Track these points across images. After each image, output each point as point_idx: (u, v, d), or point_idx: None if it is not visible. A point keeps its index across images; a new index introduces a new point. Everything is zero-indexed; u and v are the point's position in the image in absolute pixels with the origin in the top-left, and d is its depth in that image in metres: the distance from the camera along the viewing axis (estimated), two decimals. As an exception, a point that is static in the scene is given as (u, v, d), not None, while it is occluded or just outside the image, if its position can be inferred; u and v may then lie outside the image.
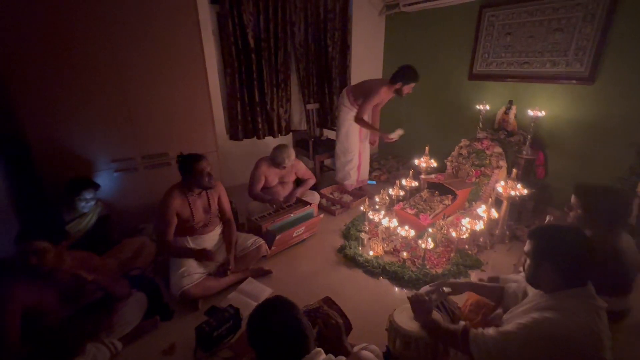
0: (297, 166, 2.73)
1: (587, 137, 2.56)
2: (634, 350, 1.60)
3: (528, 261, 1.13)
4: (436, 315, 1.43)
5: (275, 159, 2.55)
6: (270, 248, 2.24)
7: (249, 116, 3.30)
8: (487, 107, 2.98)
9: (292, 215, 2.42)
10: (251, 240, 2.16)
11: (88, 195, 2.12)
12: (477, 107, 3.02)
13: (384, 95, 2.86)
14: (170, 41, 2.31)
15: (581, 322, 0.97)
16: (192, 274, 1.87)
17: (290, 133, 3.72)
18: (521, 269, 1.22)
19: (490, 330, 1.09)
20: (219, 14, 2.93)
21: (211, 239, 2.11)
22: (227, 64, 3.05)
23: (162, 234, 1.92)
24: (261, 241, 2.17)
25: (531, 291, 1.21)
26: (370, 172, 3.53)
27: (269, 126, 3.43)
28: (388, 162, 4.05)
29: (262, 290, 2.01)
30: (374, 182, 3.69)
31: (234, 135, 3.30)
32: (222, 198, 2.14)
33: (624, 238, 1.41)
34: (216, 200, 2.10)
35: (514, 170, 2.35)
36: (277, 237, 2.21)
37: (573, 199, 1.54)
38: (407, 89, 2.79)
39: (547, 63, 2.66)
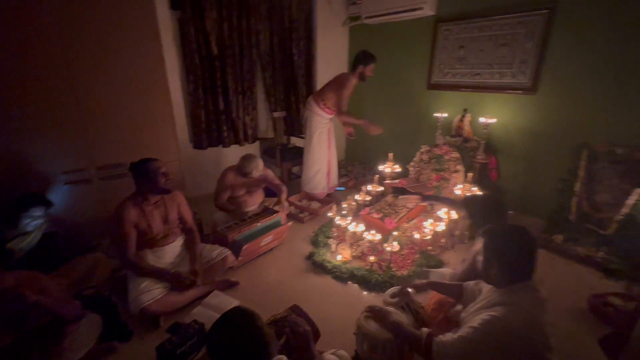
0: (266, 175, 2.70)
1: (532, 142, 2.79)
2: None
3: (481, 258, 1.21)
4: (401, 316, 1.47)
5: (243, 169, 2.52)
6: (237, 258, 2.19)
7: (213, 124, 3.23)
8: (445, 115, 3.16)
9: (259, 224, 2.39)
10: (217, 251, 2.10)
11: (37, 212, 1.95)
12: (436, 115, 3.20)
13: (353, 83, 2.97)
14: (128, 47, 2.23)
15: (527, 315, 1.05)
16: (152, 289, 1.77)
17: (257, 141, 3.68)
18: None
19: (449, 336, 1.14)
20: (181, 20, 2.86)
21: (172, 250, 2.02)
22: (190, 71, 2.98)
23: (122, 251, 1.81)
24: (227, 252, 2.12)
25: (485, 287, 1.29)
26: (338, 178, 3.58)
27: (235, 134, 3.38)
28: (355, 169, 4.14)
29: (229, 303, 1.95)
30: (343, 189, 3.75)
31: (198, 144, 3.21)
32: (182, 207, 2.07)
33: None
34: (175, 209, 2.02)
35: (470, 174, 2.50)
36: (243, 247, 2.16)
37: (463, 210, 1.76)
38: (369, 70, 2.95)
39: (495, 74, 2.88)
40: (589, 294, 1.94)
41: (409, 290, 1.55)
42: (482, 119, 2.81)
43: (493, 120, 2.80)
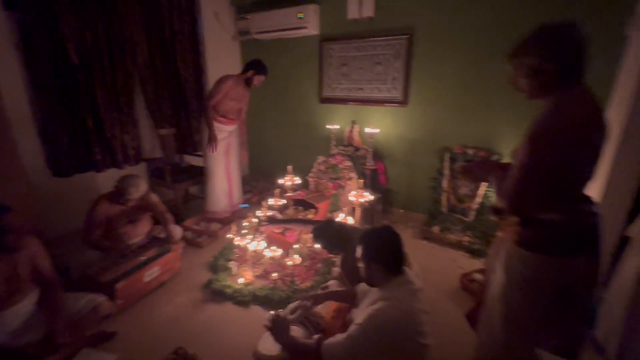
0: (149, 199, 2.38)
1: (409, 148, 3.19)
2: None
3: (362, 264, 1.27)
4: (297, 332, 1.45)
5: (118, 190, 2.17)
6: (115, 303, 1.85)
7: (81, 146, 2.72)
8: (337, 127, 3.38)
9: (142, 258, 2.08)
10: (84, 301, 1.73)
11: None
12: (329, 126, 3.38)
13: (234, 84, 2.79)
14: None
15: (402, 306, 1.15)
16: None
17: (144, 163, 3.27)
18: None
19: (338, 337, 1.17)
20: (22, 23, 2.35)
21: (19, 312, 1.58)
22: (40, 84, 2.45)
23: None
24: (100, 298, 1.77)
25: (371, 289, 1.37)
26: (242, 195, 3.43)
27: (112, 156, 2.92)
28: (259, 183, 4.06)
29: (104, 361, 1.62)
30: (247, 205, 3.61)
31: (59, 171, 2.65)
32: (38, 258, 1.64)
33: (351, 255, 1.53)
34: (28, 262, 1.59)
35: (361, 180, 2.70)
36: (118, 287, 1.84)
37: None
38: (257, 80, 2.84)
39: (375, 89, 3.22)
40: (460, 274, 2.27)
41: (307, 304, 1.54)
42: (367, 129, 3.09)
43: (377, 130, 3.10)
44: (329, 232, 1.83)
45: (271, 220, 2.32)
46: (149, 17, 3.01)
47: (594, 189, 1.99)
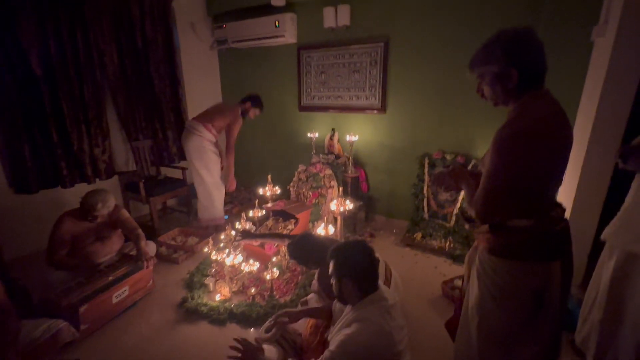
0: (119, 215, 2.26)
1: (389, 154, 3.18)
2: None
3: (334, 281, 1.22)
4: (273, 352, 1.38)
5: (84, 206, 2.05)
6: (78, 329, 1.73)
7: (45, 160, 2.58)
8: (317, 135, 3.34)
9: (111, 278, 1.96)
10: (43, 327, 1.61)
11: None
12: (309, 134, 3.35)
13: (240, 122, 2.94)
14: None
15: (375, 328, 1.10)
16: None
17: (116, 176, 3.14)
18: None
19: None
20: (-22, 32, 2.24)
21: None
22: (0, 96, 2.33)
23: None
24: (61, 324, 1.65)
25: (346, 306, 1.31)
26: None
27: (80, 170, 2.78)
28: (240, 194, 3.96)
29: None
30: (227, 217, 3.51)
31: (21, 187, 2.50)
32: None
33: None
34: None
35: (341, 188, 2.66)
36: (81, 310, 1.72)
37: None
38: (253, 112, 3.03)
39: (353, 97, 3.21)
40: (442, 281, 2.25)
41: (284, 320, 1.48)
42: (348, 137, 3.06)
43: (356, 138, 3.08)
44: (304, 247, 1.77)
45: (245, 234, 2.24)
46: (118, 25, 2.92)
47: (564, 194, 2.03)
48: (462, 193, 2.73)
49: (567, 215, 1.08)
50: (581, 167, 1.94)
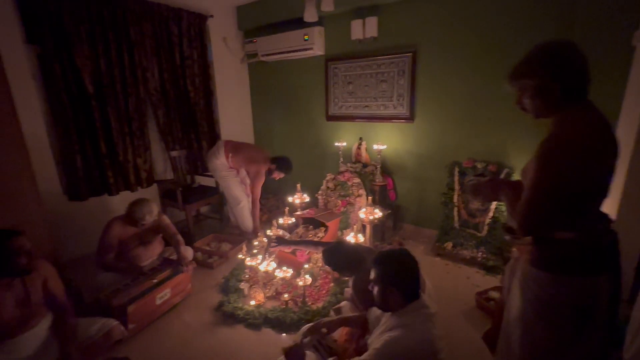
0: (161, 221, 2.41)
1: (417, 163, 3.18)
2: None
3: (376, 288, 1.24)
4: (310, 357, 1.42)
5: (133, 216, 2.21)
6: (126, 327, 1.85)
7: (95, 170, 2.80)
8: (344, 144, 3.40)
9: (155, 280, 2.09)
10: (97, 326, 1.73)
11: None
12: (336, 144, 3.41)
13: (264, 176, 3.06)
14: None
15: (418, 334, 1.12)
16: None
17: (155, 184, 3.33)
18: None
19: None
20: (41, 55, 2.48)
21: (33, 338, 1.58)
22: (56, 112, 2.56)
23: None
24: (112, 323, 1.77)
25: (385, 313, 1.34)
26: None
27: (124, 179, 2.98)
28: (268, 202, 4.07)
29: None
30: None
31: (75, 195, 2.72)
32: (51, 281, 1.66)
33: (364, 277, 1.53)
34: (40, 286, 1.61)
35: (369, 197, 2.69)
36: (129, 310, 1.84)
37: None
38: (277, 175, 3.08)
39: (381, 106, 3.25)
40: (475, 292, 2.21)
41: (322, 331, 1.52)
42: (375, 146, 3.10)
43: (384, 146, 3.11)
44: (339, 254, 1.80)
45: (280, 241, 2.31)
46: (159, 44, 3.13)
47: (609, 206, 1.95)
48: (494, 202, 2.68)
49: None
50: (625, 177, 1.87)
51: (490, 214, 2.69)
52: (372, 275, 1.25)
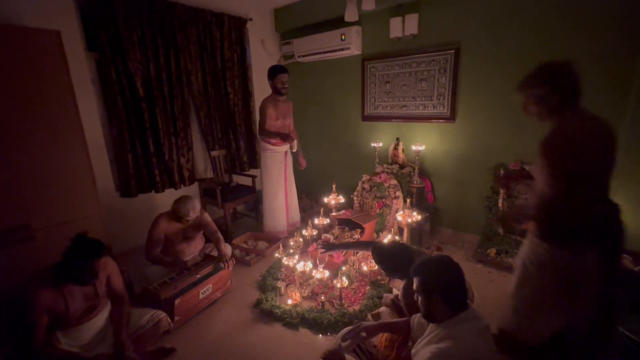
0: (203, 218, 2.51)
1: (458, 165, 3.04)
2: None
3: (420, 298, 1.20)
4: (352, 361, 1.40)
5: (177, 212, 2.31)
6: (172, 319, 1.95)
7: (143, 169, 2.97)
8: (380, 144, 3.34)
9: (198, 276, 2.18)
10: (147, 317, 1.83)
11: None
12: (372, 144, 3.36)
13: (271, 103, 2.95)
14: (32, 91, 1.96)
15: (471, 348, 1.06)
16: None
17: (196, 182, 3.48)
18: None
19: None
20: (99, 61, 2.68)
21: (93, 327, 1.70)
22: (112, 114, 2.75)
23: (31, 340, 1.47)
24: (161, 314, 1.87)
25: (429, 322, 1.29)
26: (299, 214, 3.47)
27: (169, 177, 3.14)
28: (302, 201, 4.10)
29: (164, 376, 1.70)
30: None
31: (126, 192, 2.91)
32: (113, 277, 1.77)
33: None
34: (104, 282, 1.74)
35: (408, 200, 2.62)
36: (176, 303, 1.93)
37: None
38: (278, 82, 2.92)
39: (419, 106, 3.15)
40: (524, 304, 2.07)
41: (362, 335, 1.49)
42: (413, 147, 3.01)
43: (422, 147, 3.01)
44: (391, 255, 1.70)
45: (326, 246, 2.24)
46: (202, 48, 3.27)
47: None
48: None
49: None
50: None
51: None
52: (415, 284, 1.20)
